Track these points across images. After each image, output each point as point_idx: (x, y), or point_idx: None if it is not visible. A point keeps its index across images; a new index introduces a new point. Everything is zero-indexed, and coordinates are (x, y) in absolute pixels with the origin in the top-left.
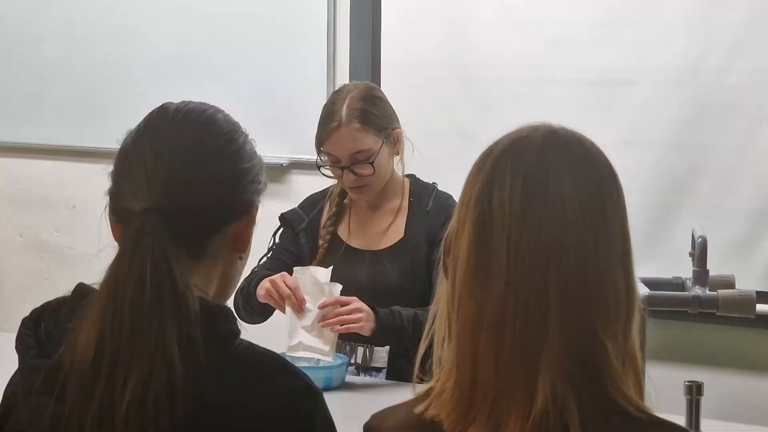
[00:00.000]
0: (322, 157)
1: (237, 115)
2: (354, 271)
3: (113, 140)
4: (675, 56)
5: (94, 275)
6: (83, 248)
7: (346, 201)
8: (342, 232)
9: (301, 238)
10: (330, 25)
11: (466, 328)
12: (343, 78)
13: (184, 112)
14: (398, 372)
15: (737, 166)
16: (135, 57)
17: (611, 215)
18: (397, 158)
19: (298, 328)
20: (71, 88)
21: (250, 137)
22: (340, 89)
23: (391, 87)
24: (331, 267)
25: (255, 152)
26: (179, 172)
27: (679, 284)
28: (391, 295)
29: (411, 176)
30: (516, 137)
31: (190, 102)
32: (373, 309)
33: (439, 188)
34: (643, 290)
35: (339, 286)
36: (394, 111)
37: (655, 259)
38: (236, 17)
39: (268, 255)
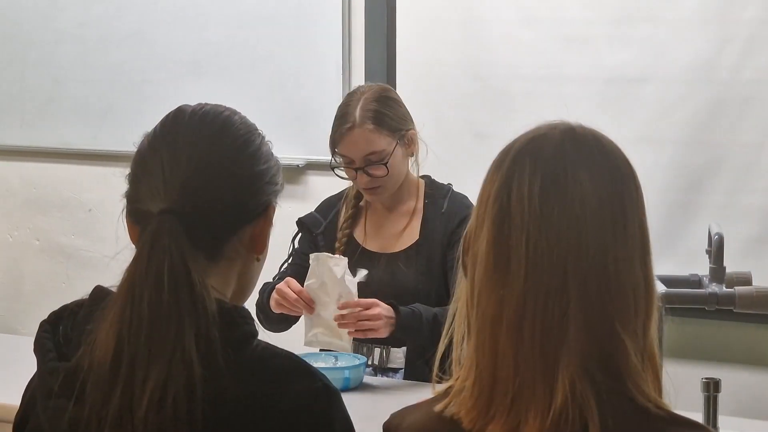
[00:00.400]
0: (337, 159)
1: (253, 116)
2: (370, 274)
3: (129, 143)
4: (690, 53)
5: (112, 278)
6: (100, 251)
7: (361, 203)
8: (358, 234)
9: (319, 242)
10: (345, 27)
11: (486, 326)
12: (358, 79)
13: (200, 115)
14: (415, 372)
15: (753, 163)
16: (150, 59)
17: (630, 212)
18: (411, 159)
19: (315, 320)
20: (86, 90)
21: (266, 139)
22: (354, 90)
23: (406, 87)
24: (346, 259)
25: (272, 153)
26: (196, 174)
27: (695, 281)
28: (408, 297)
29: (426, 177)
30: (534, 135)
31: (206, 104)
32: (394, 307)
33: (455, 189)
34: (659, 288)
35: (355, 281)
36: (408, 112)
37: (672, 256)
38: (251, 19)
39: (289, 261)
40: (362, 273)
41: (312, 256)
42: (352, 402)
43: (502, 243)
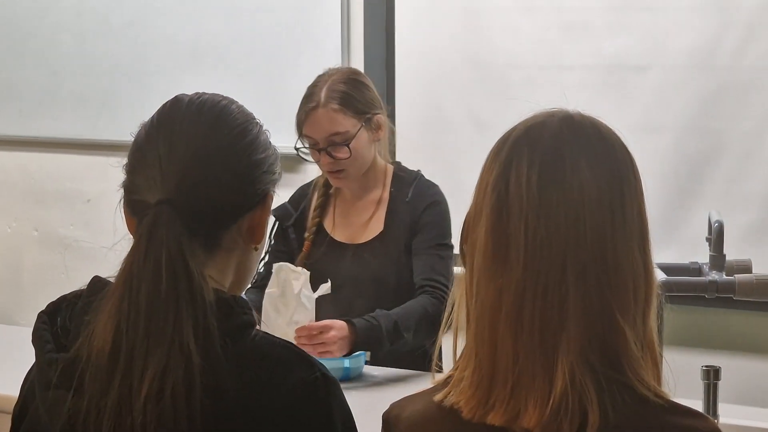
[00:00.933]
0: (303, 141)
1: (251, 105)
2: (337, 264)
3: (128, 133)
4: (690, 40)
5: (111, 268)
6: (99, 242)
7: (331, 191)
8: (327, 223)
9: (290, 234)
10: (344, 15)
11: (485, 315)
12: (358, 67)
13: (197, 104)
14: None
15: (754, 150)
16: (148, 49)
17: (629, 200)
18: (378, 145)
19: (270, 327)
20: (85, 81)
21: (264, 127)
22: (323, 73)
23: (405, 76)
24: (308, 273)
25: (269, 142)
26: (193, 164)
27: (695, 269)
28: (375, 288)
29: (395, 164)
30: (532, 123)
31: (203, 93)
32: (350, 324)
33: (424, 176)
34: (659, 276)
35: (315, 296)
36: (377, 97)
37: (673, 244)
38: (249, 8)
39: (265, 259)
40: (324, 287)
41: (275, 266)
42: (351, 392)
43: (501, 232)
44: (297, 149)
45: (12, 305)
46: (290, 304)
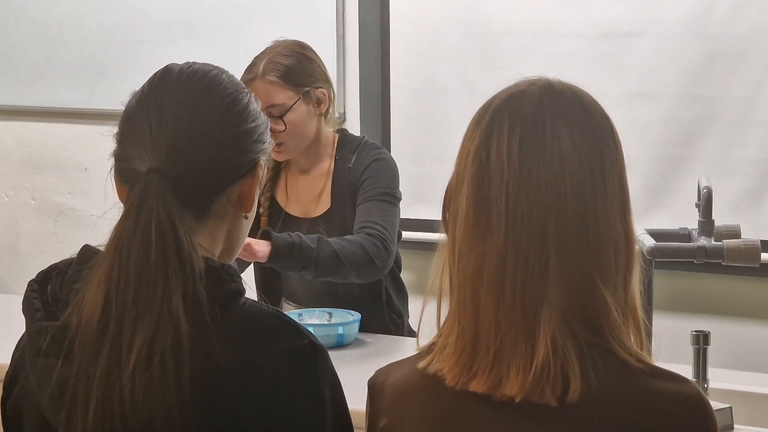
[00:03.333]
0: None
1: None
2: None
3: (124, 102)
4: (683, 7)
5: (106, 237)
6: (97, 210)
7: (282, 166)
8: (280, 198)
9: None
10: None
11: (467, 282)
12: (352, 37)
13: (187, 73)
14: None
15: (747, 116)
16: (145, 18)
17: (609, 167)
18: (322, 118)
19: None
20: (81, 50)
21: (254, 97)
22: (270, 45)
23: (399, 44)
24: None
25: (259, 112)
26: (184, 133)
27: (685, 235)
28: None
29: (340, 131)
30: (513, 91)
31: (194, 63)
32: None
33: (369, 141)
34: (648, 241)
35: None
36: (322, 71)
37: (666, 210)
38: None
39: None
40: None
41: None
42: (345, 358)
43: (482, 200)
44: None
45: (9, 274)
46: None
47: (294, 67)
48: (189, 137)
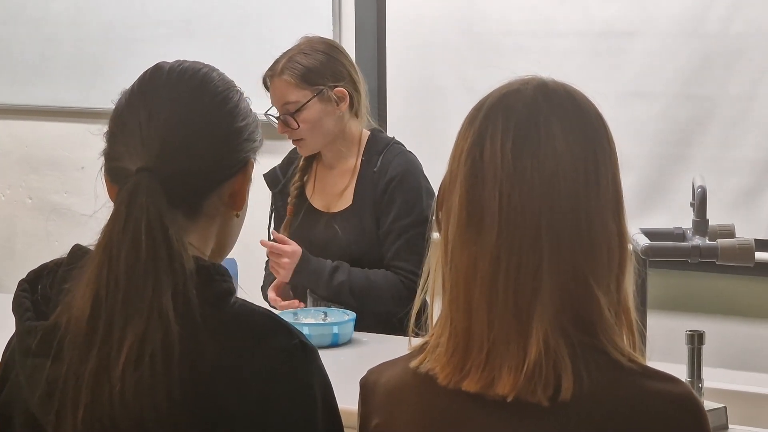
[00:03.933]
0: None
1: (242, 72)
2: (311, 231)
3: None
4: (680, 6)
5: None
6: (93, 210)
7: (315, 157)
8: (308, 189)
9: (278, 201)
10: None
11: (460, 282)
12: (348, 35)
13: (178, 72)
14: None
15: (743, 115)
16: (143, 17)
17: (603, 167)
18: (352, 114)
19: None
20: (79, 49)
21: (245, 95)
22: (297, 42)
23: (397, 42)
24: None
25: (250, 110)
26: (174, 131)
27: (679, 234)
28: (343, 259)
29: (373, 130)
30: (507, 91)
31: (184, 61)
32: (304, 257)
33: (397, 144)
34: (643, 241)
35: None
36: (344, 70)
37: (663, 209)
38: None
39: (271, 227)
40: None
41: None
42: (340, 357)
43: (475, 199)
44: (266, 114)
45: (5, 272)
46: None
47: (311, 66)
48: (179, 136)
